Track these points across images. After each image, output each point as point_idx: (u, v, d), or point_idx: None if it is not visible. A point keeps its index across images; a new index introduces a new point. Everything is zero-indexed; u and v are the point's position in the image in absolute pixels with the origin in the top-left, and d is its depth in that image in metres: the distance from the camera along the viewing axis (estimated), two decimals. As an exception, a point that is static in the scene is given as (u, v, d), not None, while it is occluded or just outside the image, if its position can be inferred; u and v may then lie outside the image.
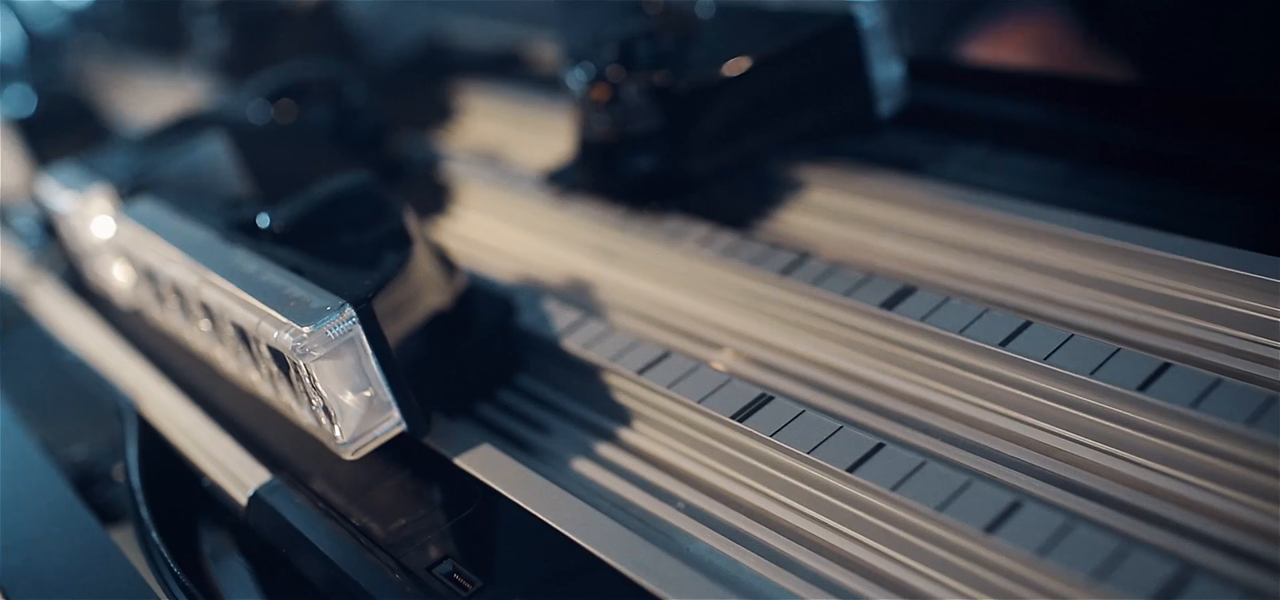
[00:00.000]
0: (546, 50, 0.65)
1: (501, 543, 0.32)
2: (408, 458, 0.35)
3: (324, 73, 0.55)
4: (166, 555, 0.35)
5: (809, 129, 0.45)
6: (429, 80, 0.65)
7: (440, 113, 0.63)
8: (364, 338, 0.33)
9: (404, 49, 0.67)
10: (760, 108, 0.45)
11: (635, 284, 0.43)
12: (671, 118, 0.45)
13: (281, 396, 0.36)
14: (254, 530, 0.36)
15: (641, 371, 0.36)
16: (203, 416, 0.41)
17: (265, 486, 0.36)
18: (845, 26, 0.43)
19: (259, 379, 0.37)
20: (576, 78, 0.47)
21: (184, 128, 0.53)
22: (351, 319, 0.33)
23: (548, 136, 0.56)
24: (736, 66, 0.44)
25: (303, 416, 0.35)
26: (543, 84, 0.62)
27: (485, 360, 0.40)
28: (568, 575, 0.30)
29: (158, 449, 0.41)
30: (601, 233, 0.46)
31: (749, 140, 0.45)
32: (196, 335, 0.41)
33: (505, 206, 0.51)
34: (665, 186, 0.46)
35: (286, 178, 0.51)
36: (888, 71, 0.44)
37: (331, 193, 0.40)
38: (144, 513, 0.37)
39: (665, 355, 0.36)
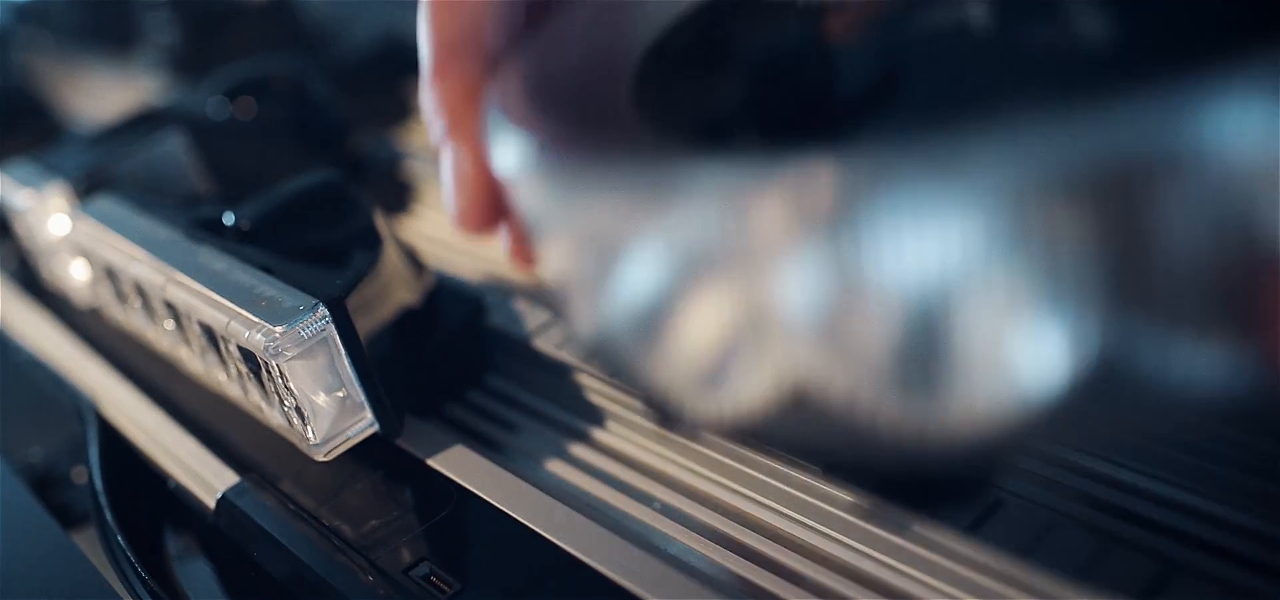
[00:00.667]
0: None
1: (479, 545, 0.32)
2: (380, 459, 0.35)
3: (285, 69, 0.54)
4: (133, 559, 0.34)
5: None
6: (389, 78, 0.64)
7: (401, 111, 0.62)
8: (337, 338, 0.33)
9: (363, 46, 0.66)
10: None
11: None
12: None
13: (250, 397, 0.35)
14: (223, 533, 0.35)
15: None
16: (166, 418, 0.40)
17: (234, 489, 0.35)
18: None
19: (226, 380, 0.37)
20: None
21: (140, 124, 0.52)
22: (325, 319, 0.32)
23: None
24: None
25: (273, 417, 0.35)
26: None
27: (455, 360, 0.40)
28: (547, 577, 0.30)
29: (120, 451, 0.40)
30: (569, 232, 0.46)
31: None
32: (160, 335, 0.40)
33: (470, 205, 0.51)
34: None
35: (247, 175, 0.50)
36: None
37: (299, 190, 0.39)
38: (108, 516, 0.36)
39: (639, 355, 0.36)
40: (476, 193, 0.27)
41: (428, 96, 0.28)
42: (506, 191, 0.24)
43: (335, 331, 0.33)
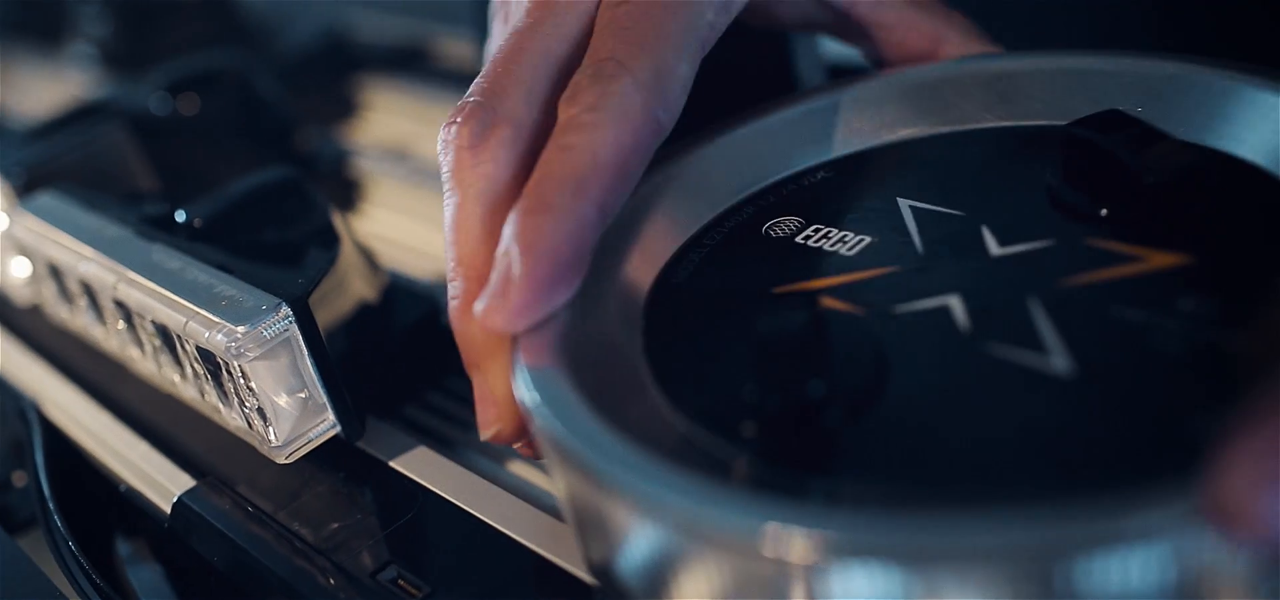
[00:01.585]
0: (453, 46, 0.65)
1: (446, 547, 0.31)
2: (342, 461, 0.34)
3: (231, 64, 0.53)
4: (83, 563, 0.33)
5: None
6: (331, 74, 0.63)
7: (344, 108, 0.61)
8: (300, 338, 0.32)
9: (305, 42, 0.65)
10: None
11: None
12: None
13: (207, 399, 0.34)
14: (180, 538, 0.34)
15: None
16: (115, 420, 0.39)
17: (190, 492, 0.34)
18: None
19: (181, 381, 0.36)
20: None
21: (81, 118, 0.51)
22: (288, 319, 0.32)
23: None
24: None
25: (231, 420, 0.34)
26: (450, 80, 0.61)
27: (411, 360, 0.39)
28: (516, 578, 0.30)
29: (66, 454, 0.39)
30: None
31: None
32: (108, 335, 0.39)
33: (421, 205, 0.50)
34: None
35: (190, 172, 0.49)
36: (809, 69, 0.44)
37: (253, 187, 0.39)
38: (57, 520, 0.35)
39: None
40: (505, 414, 0.29)
41: (460, 326, 0.29)
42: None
43: (299, 331, 0.32)
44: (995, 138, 0.34)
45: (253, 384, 0.32)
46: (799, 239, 0.32)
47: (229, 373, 0.32)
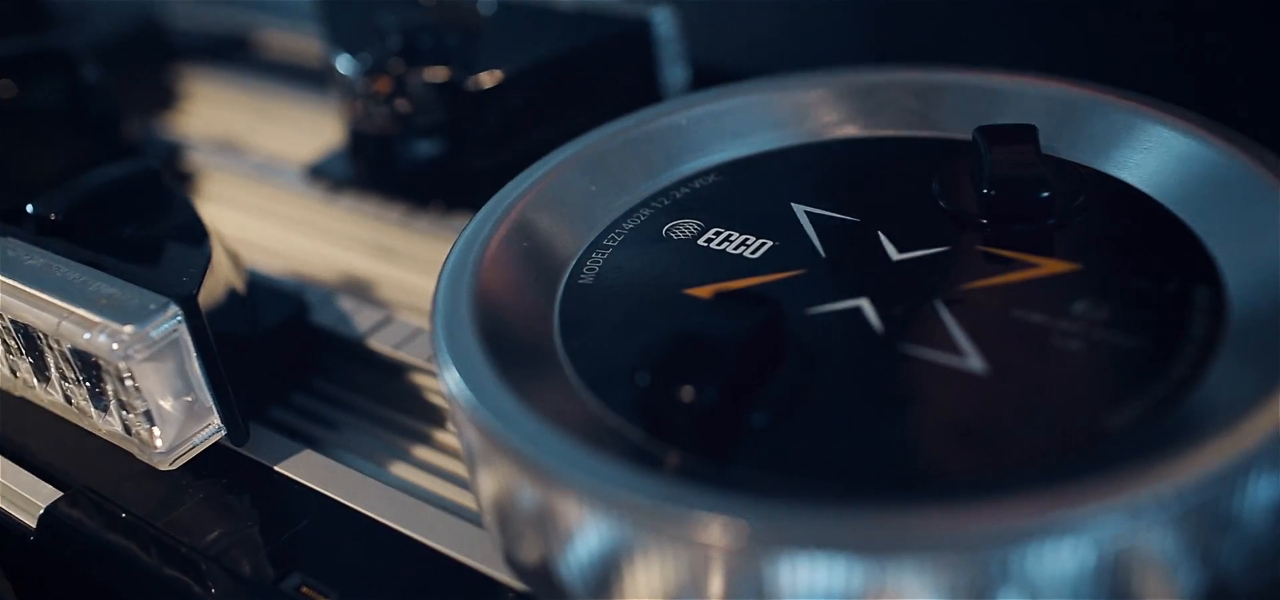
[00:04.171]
0: (276, 36, 0.63)
1: (348, 551, 0.30)
2: (226, 466, 0.33)
3: (51, 48, 0.50)
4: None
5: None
6: (148, 63, 0.60)
7: (165, 97, 0.59)
8: (189, 338, 0.31)
9: (120, 28, 0.62)
10: (549, 107, 0.45)
11: (428, 285, 0.41)
12: (459, 114, 0.44)
13: (76, 405, 0.32)
14: (49, 552, 0.32)
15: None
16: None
17: (59, 503, 0.32)
18: (639, 31, 0.44)
19: (42, 387, 0.33)
20: (352, 67, 0.46)
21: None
22: (176, 317, 0.30)
23: (288, 127, 0.54)
24: (526, 64, 0.44)
25: (105, 426, 0.32)
26: (275, 71, 0.60)
27: (281, 361, 0.38)
28: (424, 578, 0.29)
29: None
30: (383, 230, 0.45)
31: (536, 139, 0.45)
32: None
33: (265, 201, 0.49)
34: (451, 184, 0.45)
35: (13, 162, 0.46)
36: (675, 76, 0.45)
37: (113, 179, 0.37)
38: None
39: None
40: None
41: None
42: None
43: (187, 331, 0.30)
44: (877, 146, 0.35)
45: (138, 387, 0.30)
46: (701, 242, 0.32)
47: (107, 376, 0.31)
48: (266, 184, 0.50)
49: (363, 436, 0.36)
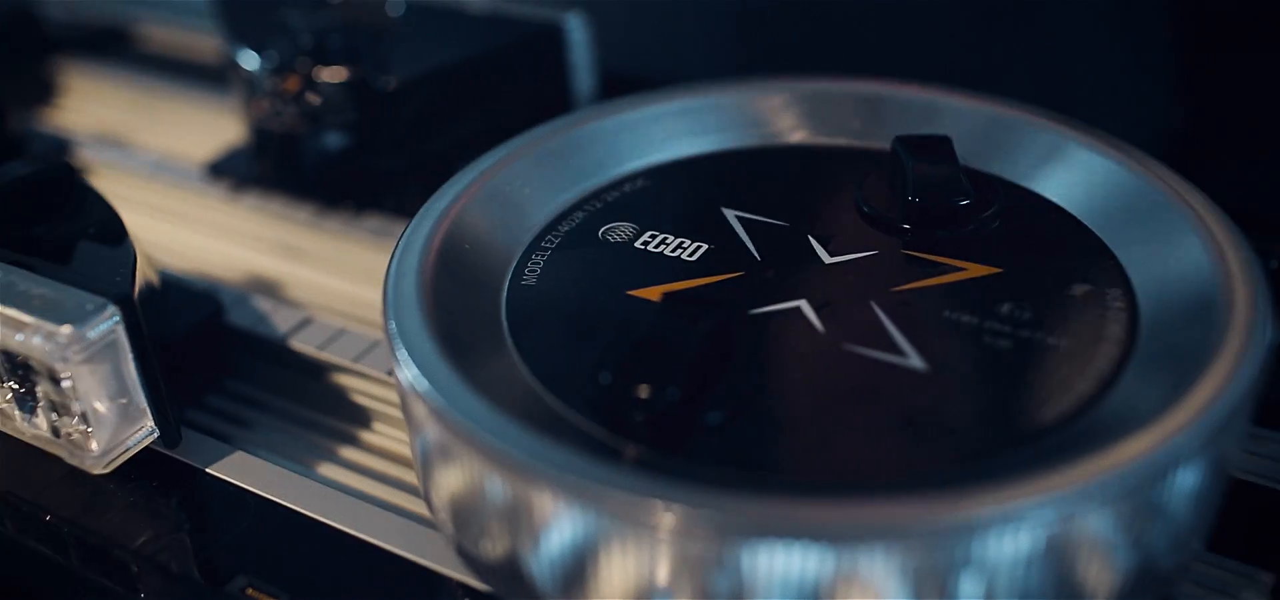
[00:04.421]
0: (154, 30, 0.61)
1: (290, 552, 0.30)
2: (159, 470, 0.32)
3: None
4: None
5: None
6: (19, 54, 0.58)
7: (41, 92, 0.57)
8: (126, 339, 0.30)
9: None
10: (460, 109, 0.45)
11: (340, 286, 0.41)
12: (370, 114, 0.44)
13: (-2, 407, 0.32)
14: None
15: (392, 371, 0.36)
16: None
17: (-21, 509, 0.31)
18: (552, 35, 0.45)
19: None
20: (258, 64, 0.45)
21: None
22: (114, 318, 0.30)
23: (178, 124, 0.53)
24: (439, 66, 0.44)
25: (29, 430, 0.31)
26: (159, 65, 0.58)
27: (197, 362, 0.37)
28: (371, 576, 0.30)
29: None
30: (291, 230, 0.44)
31: (447, 140, 0.45)
32: None
33: (163, 199, 0.48)
34: (360, 184, 0.45)
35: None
36: (586, 82, 0.46)
37: (24, 176, 0.35)
38: None
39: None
40: None
41: None
42: None
43: (124, 332, 0.30)
44: (798, 153, 0.37)
45: (75, 389, 0.29)
46: (638, 244, 0.33)
47: (40, 379, 0.30)
48: (162, 182, 0.48)
49: (285, 438, 0.36)
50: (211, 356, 0.38)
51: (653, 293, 0.31)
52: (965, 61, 0.49)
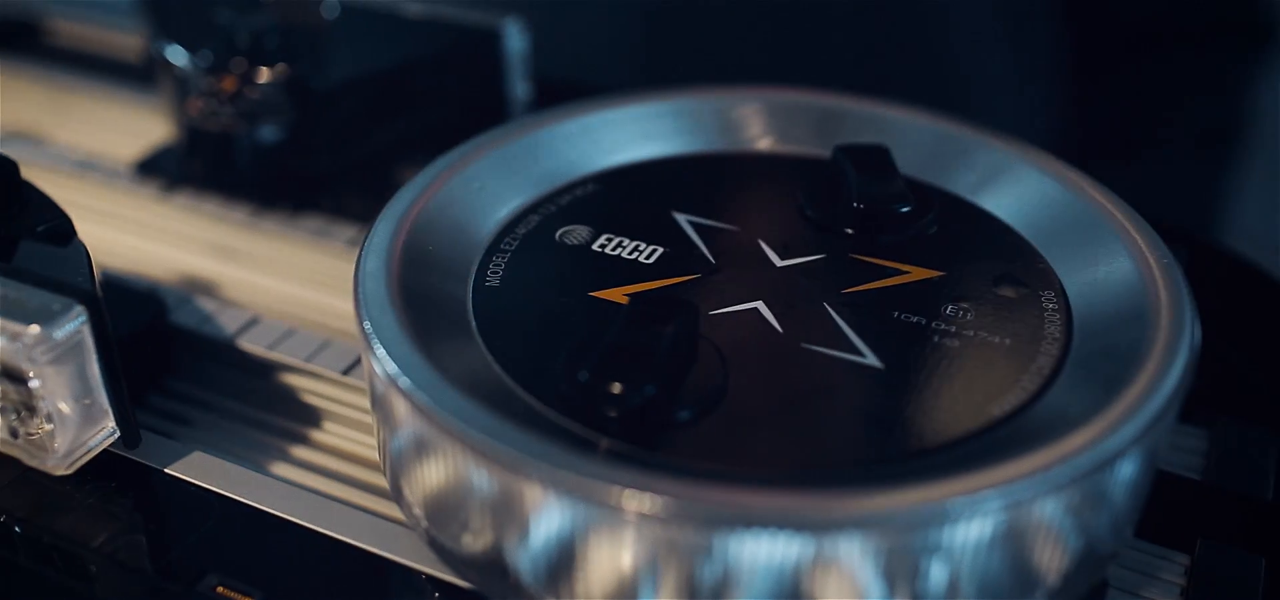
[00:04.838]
0: (63, 25, 0.60)
1: (257, 551, 0.31)
2: (119, 471, 0.32)
3: None
4: None
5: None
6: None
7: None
8: (92, 340, 0.30)
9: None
10: (397, 111, 0.45)
11: (279, 286, 0.41)
12: (306, 114, 0.44)
13: (-47, 408, 0.31)
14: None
15: (346, 371, 0.36)
16: None
17: (-66, 512, 0.31)
18: (489, 41, 0.46)
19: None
20: (189, 63, 0.45)
21: None
22: (81, 318, 0.30)
23: (95, 122, 0.52)
24: (376, 68, 0.45)
25: (-13, 430, 0.31)
26: (71, 61, 0.57)
27: (142, 363, 0.37)
28: (343, 574, 0.30)
29: None
30: (226, 231, 0.44)
31: (383, 142, 0.46)
32: None
33: (91, 198, 0.47)
34: (295, 184, 0.45)
35: None
36: (521, 89, 0.47)
37: (-33, 175, 0.35)
38: None
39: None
40: None
41: None
42: None
43: (90, 333, 0.30)
44: (744, 160, 0.38)
45: (42, 391, 0.29)
46: (595, 247, 0.34)
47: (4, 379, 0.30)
48: (87, 180, 0.48)
49: (233, 437, 0.36)
50: (157, 358, 0.38)
51: (616, 294, 0.32)
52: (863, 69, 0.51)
